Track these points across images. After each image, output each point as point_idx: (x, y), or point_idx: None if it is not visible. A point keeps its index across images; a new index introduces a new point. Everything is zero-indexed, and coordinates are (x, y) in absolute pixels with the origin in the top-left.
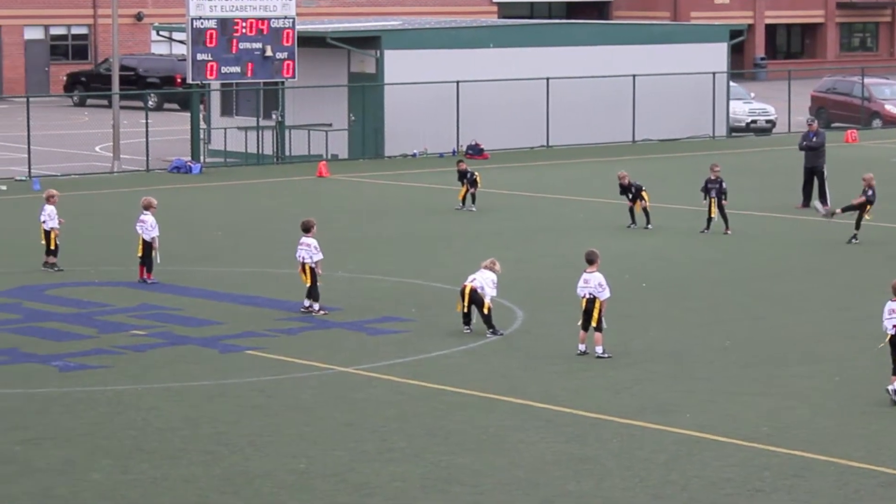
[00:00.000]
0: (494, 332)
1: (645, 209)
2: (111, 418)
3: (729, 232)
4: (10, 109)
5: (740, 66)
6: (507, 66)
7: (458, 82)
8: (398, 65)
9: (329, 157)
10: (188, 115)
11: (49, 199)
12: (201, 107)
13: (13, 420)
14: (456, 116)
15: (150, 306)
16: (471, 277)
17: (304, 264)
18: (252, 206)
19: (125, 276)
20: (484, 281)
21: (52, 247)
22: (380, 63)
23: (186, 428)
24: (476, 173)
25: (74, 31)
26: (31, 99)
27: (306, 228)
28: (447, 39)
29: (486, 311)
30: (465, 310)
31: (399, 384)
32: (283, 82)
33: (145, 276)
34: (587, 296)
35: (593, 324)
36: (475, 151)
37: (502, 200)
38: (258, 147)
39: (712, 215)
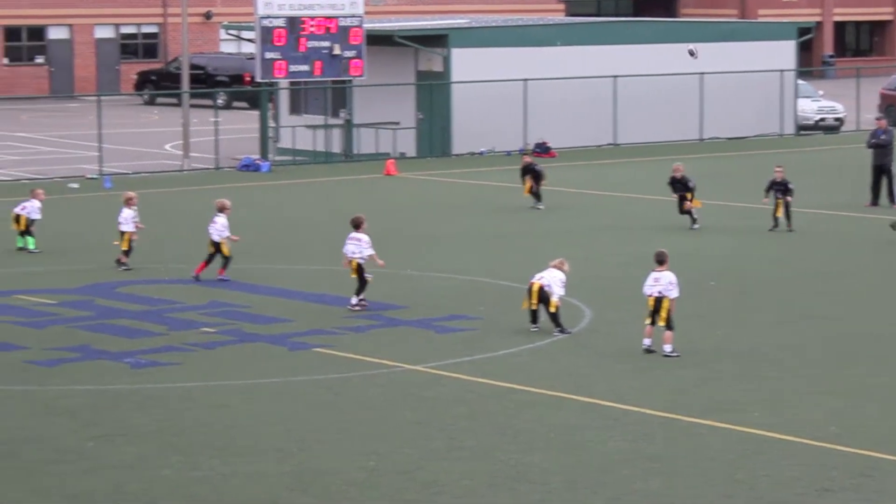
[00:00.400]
0: (562, 331)
1: (689, 210)
2: (181, 415)
3: (792, 230)
4: (81, 108)
5: (808, 63)
6: (575, 64)
7: (525, 80)
8: (466, 63)
9: (397, 155)
10: (257, 113)
11: (127, 203)
12: (270, 105)
13: (86, 416)
14: (523, 115)
15: (219, 304)
16: (538, 276)
17: (352, 259)
18: (320, 204)
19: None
20: (552, 280)
21: (125, 248)
22: (447, 61)
23: (255, 425)
24: (543, 168)
25: (145, 30)
26: (102, 98)
27: (356, 224)
28: (514, 37)
29: (553, 309)
30: (533, 307)
31: (467, 382)
32: (351, 81)
33: (219, 273)
34: (656, 294)
35: (661, 322)
36: (542, 150)
37: (569, 199)
38: (326, 145)
39: (778, 215)
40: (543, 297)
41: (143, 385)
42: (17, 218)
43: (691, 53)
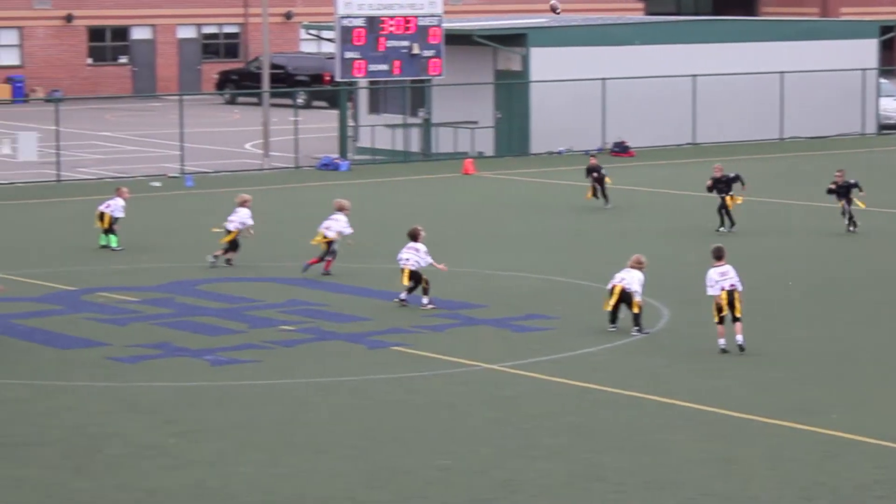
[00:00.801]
0: (641, 331)
1: (728, 210)
2: (261, 412)
3: (852, 230)
4: (163, 107)
5: (891, 62)
6: (654, 63)
7: (603, 79)
8: (544, 62)
9: (475, 154)
10: (336, 112)
11: (243, 203)
12: (349, 104)
13: (167, 413)
14: (601, 114)
15: (298, 302)
16: (619, 277)
17: (404, 267)
18: (398, 203)
19: (274, 272)
20: (632, 280)
21: (228, 241)
22: (526, 60)
23: (334, 423)
24: (604, 170)
25: (226, 29)
26: (183, 97)
27: (413, 236)
28: (593, 36)
29: (636, 310)
30: (613, 308)
31: (544, 381)
32: (429, 80)
33: (325, 268)
34: (728, 287)
35: (738, 314)
36: (621, 149)
37: (647, 198)
38: (405, 144)
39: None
40: (626, 298)
41: (222, 382)
42: (101, 216)
43: (554, 9)
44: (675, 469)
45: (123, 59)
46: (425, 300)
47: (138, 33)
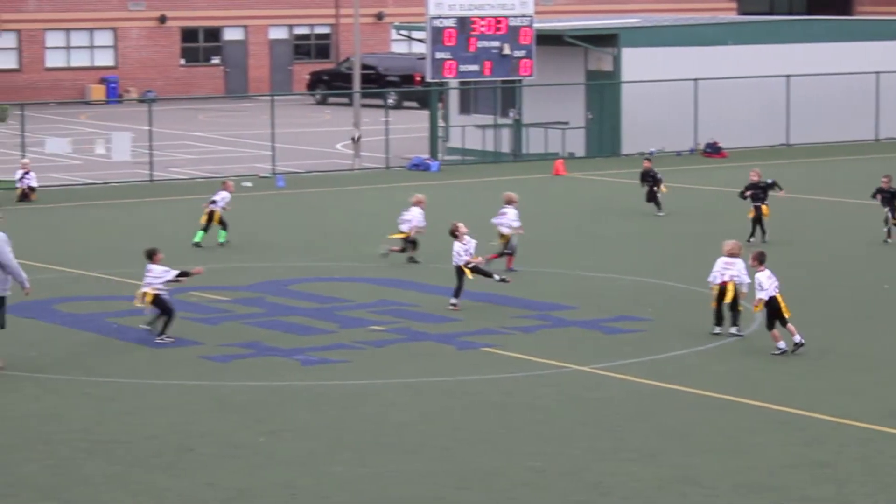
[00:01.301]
0: (738, 333)
1: (760, 220)
2: (351, 412)
3: (889, 241)
4: (255, 108)
5: None
6: (746, 64)
7: (696, 80)
8: (636, 62)
9: (566, 155)
10: (427, 112)
11: (417, 203)
12: (440, 105)
13: (257, 412)
14: (694, 114)
15: (388, 302)
16: (723, 270)
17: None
18: (489, 204)
19: (365, 272)
20: (740, 271)
21: (402, 237)
22: (617, 61)
23: (424, 423)
24: (660, 175)
25: (317, 30)
26: (275, 97)
27: (454, 234)
28: (685, 37)
29: (739, 308)
30: (719, 306)
31: (635, 383)
32: (520, 80)
33: (509, 265)
34: (774, 293)
35: (787, 315)
36: (713, 150)
37: (739, 200)
38: (495, 145)
39: (894, 224)
40: (736, 296)
41: (313, 382)
42: (211, 214)
43: (354, 139)
44: (768, 473)
45: (216, 60)
46: (454, 300)
47: (231, 34)
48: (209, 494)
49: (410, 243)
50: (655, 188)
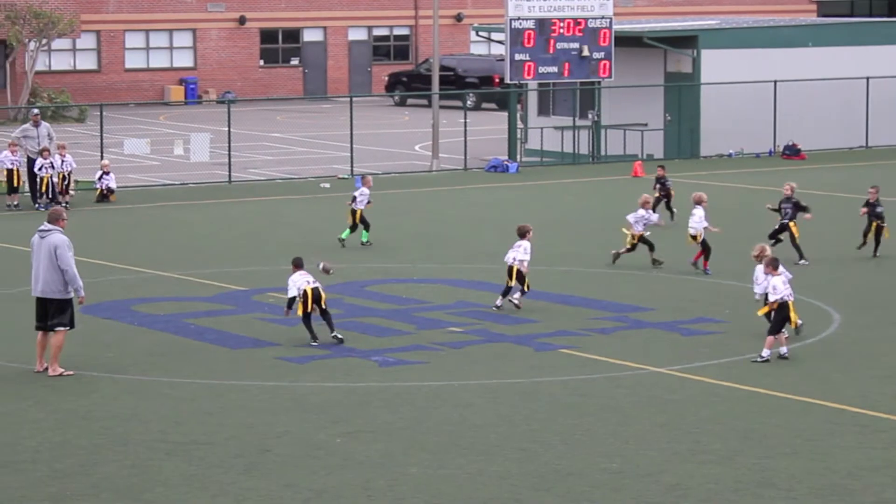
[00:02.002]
0: (797, 330)
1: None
2: (428, 413)
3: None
4: (333, 109)
5: None
6: (826, 66)
7: (775, 82)
8: (715, 64)
9: (644, 156)
10: (505, 114)
11: (699, 203)
12: (518, 106)
13: (335, 413)
14: (773, 116)
15: (466, 303)
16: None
17: (512, 265)
18: (567, 206)
19: (442, 273)
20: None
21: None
22: (696, 62)
23: (501, 425)
24: (670, 182)
25: (396, 32)
26: (353, 99)
27: (523, 234)
28: (765, 38)
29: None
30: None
31: (712, 385)
32: (599, 82)
33: (704, 266)
34: (783, 299)
35: (792, 325)
36: (792, 152)
37: (819, 201)
38: (574, 146)
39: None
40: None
41: (390, 383)
42: (354, 213)
43: (326, 271)
44: (847, 476)
45: (295, 61)
46: (517, 295)
47: (310, 35)
48: (287, 495)
49: (703, 246)
50: (666, 197)
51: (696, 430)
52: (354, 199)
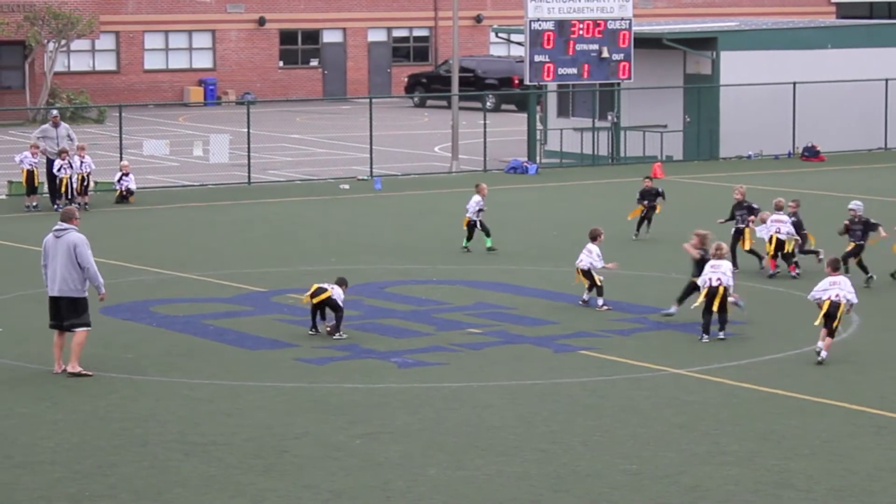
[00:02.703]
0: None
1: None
2: (447, 415)
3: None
4: (353, 110)
5: None
6: (845, 67)
7: (794, 83)
8: (734, 66)
9: (664, 158)
10: (525, 115)
11: (779, 210)
12: (538, 108)
13: (354, 414)
14: (792, 118)
15: (485, 305)
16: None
17: (581, 269)
18: (587, 207)
19: (462, 274)
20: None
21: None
22: (716, 64)
23: (520, 426)
24: (660, 196)
25: (416, 33)
26: (373, 100)
27: (593, 237)
28: (784, 40)
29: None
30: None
31: (732, 387)
32: (618, 83)
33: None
34: (833, 298)
35: (836, 324)
36: (811, 153)
37: (838, 203)
38: (594, 148)
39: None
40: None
41: (409, 384)
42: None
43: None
44: (866, 477)
45: (314, 63)
46: (600, 301)
47: (329, 36)
48: (306, 496)
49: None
50: (650, 211)
51: (715, 431)
52: (468, 208)
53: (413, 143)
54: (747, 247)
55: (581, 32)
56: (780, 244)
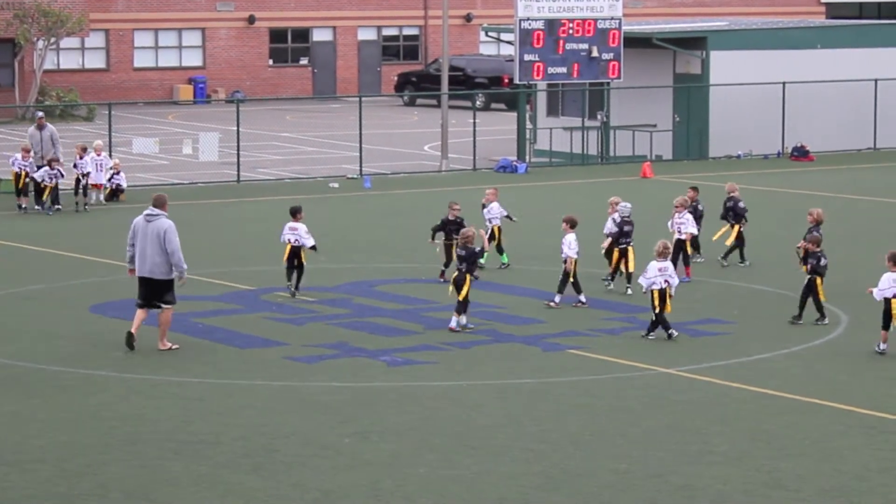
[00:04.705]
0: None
1: (691, 245)
2: (436, 414)
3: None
4: (343, 109)
5: None
6: (835, 67)
7: (784, 83)
8: (724, 65)
9: (653, 157)
10: (514, 114)
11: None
12: (528, 107)
13: (343, 413)
14: (782, 118)
15: (475, 304)
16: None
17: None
18: (576, 206)
19: (450, 273)
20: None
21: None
22: (705, 64)
23: (509, 425)
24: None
25: (406, 32)
26: (363, 99)
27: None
28: (774, 40)
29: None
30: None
31: (721, 386)
32: (608, 83)
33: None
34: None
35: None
36: (800, 153)
37: (826, 203)
38: (583, 147)
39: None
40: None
41: (399, 383)
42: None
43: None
44: (856, 477)
45: (304, 61)
46: (558, 299)
47: (319, 35)
48: (295, 495)
49: None
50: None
51: (705, 430)
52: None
53: (403, 141)
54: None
55: (571, 31)
56: (681, 244)
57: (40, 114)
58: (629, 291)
